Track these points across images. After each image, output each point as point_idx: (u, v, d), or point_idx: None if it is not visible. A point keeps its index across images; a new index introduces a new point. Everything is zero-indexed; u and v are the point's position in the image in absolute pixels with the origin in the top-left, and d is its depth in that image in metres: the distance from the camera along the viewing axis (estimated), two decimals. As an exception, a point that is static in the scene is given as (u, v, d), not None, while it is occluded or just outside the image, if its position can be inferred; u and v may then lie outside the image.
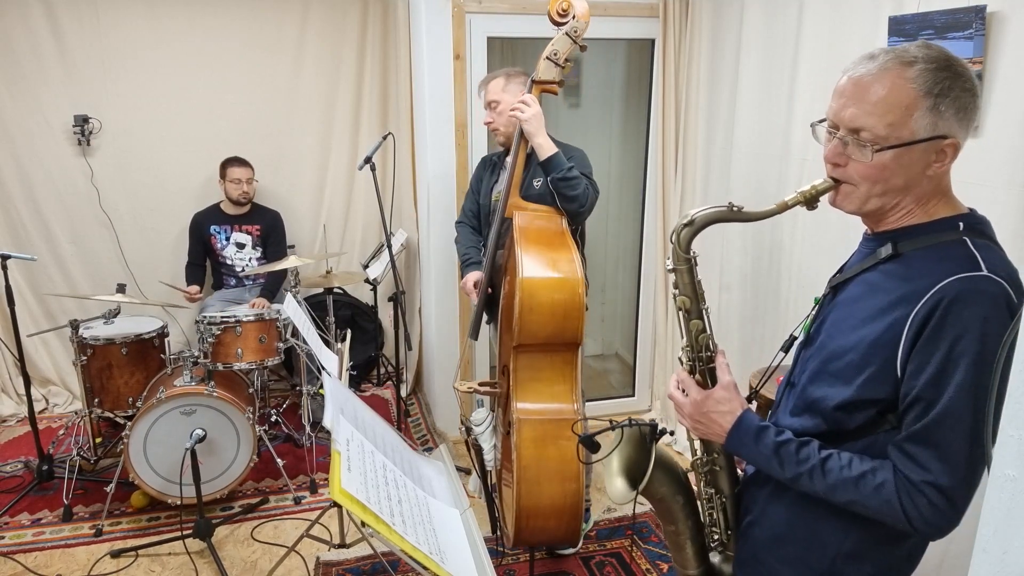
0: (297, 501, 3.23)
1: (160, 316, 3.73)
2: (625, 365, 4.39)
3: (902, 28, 2.22)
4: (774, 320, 3.05)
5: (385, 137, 3.55)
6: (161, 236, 4.21)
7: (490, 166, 2.87)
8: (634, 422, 1.39)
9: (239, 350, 3.27)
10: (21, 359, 3.19)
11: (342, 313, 4.33)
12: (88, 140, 3.97)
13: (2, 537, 2.95)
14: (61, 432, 3.65)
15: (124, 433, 2.92)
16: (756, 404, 1.43)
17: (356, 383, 4.43)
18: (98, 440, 3.46)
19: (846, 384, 1.16)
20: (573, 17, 2.33)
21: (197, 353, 3.21)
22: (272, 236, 4.07)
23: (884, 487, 1.10)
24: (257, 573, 2.76)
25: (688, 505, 1.43)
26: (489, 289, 2.66)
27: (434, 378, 3.93)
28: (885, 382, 1.11)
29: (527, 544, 2.48)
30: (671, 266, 1.30)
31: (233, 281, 4.06)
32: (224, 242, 4.01)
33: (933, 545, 1.27)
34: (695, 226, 1.26)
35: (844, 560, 1.22)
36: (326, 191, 4.43)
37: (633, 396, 4.13)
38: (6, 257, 3.00)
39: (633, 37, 3.64)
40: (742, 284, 3.26)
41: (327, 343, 3.25)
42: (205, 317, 3.26)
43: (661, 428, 1.38)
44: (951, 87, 1.08)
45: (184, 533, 2.85)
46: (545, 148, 2.44)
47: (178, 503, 2.93)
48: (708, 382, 1.32)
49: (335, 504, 2.79)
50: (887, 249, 1.17)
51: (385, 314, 4.42)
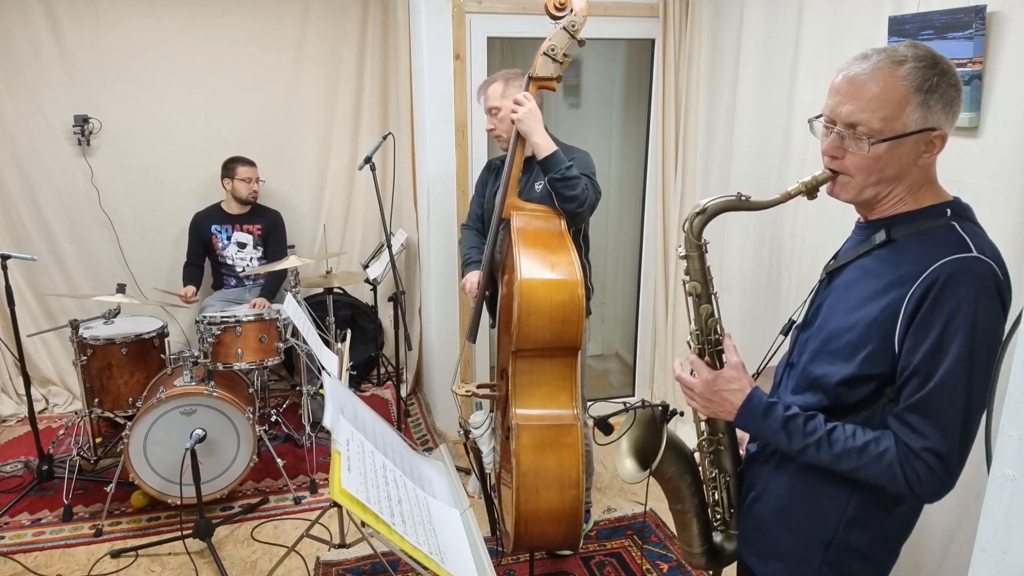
0: (297, 501, 3.23)
1: (160, 316, 3.73)
2: (625, 365, 4.39)
3: (902, 28, 2.22)
4: (774, 320, 3.04)
5: (385, 137, 3.55)
6: (161, 236, 4.21)
7: (494, 170, 2.86)
8: (647, 404, 1.49)
9: (239, 350, 3.27)
10: (21, 359, 3.19)
11: (342, 313, 4.33)
12: (88, 140, 3.97)
13: (2, 537, 2.96)
14: (61, 432, 3.65)
15: (124, 433, 2.92)
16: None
17: (356, 383, 4.44)
18: (98, 440, 3.46)
19: (846, 362, 1.24)
20: (571, 11, 2.31)
21: (197, 353, 3.21)
22: (273, 236, 4.07)
23: (886, 455, 1.18)
24: (257, 573, 2.76)
25: (695, 484, 1.51)
26: (487, 292, 2.65)
27: (434, 378, 3.93)
28: (883, 358, 1.20)
29: (527, 549, 2.47)
30: (683, 253, 1.38)
31: (233, 281, 4.06)
32: (225, 242, 4.01)
33: (933, 545, 1.29)
34: (707, 214, 1.34)
35: (845, 528, 1.30)
36: (326, 191, 4.43)
37: (633, 396, 4.13)
38: (6, 257, 3.00)
39: (633, 37, 3.64)
40: (742, 284, 3.26)
41: (327, 343, 3.25)
42: (205, 317, 3.26)
43: (672, 409, 1.48)
44: (939, 83, 1.17)
45: (184, 533, 2.85)
46: (543, 147, 2.41)
47: (178, 503, 2.93)
48: (717, 364, 1.39)
49: (335, 504, 2.79)
50: (881, 236, 1.25)
51: (385, 314, 4.42)
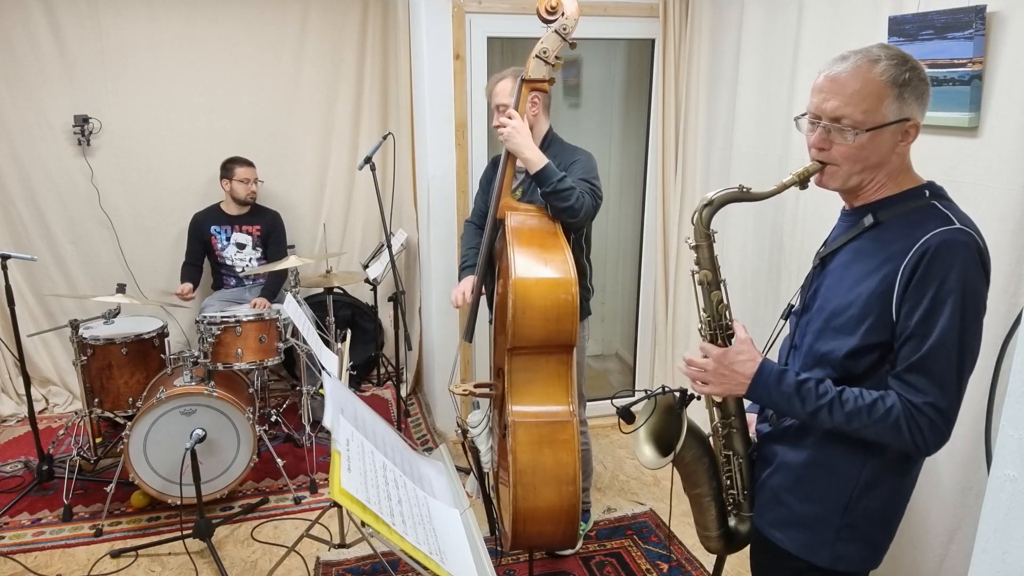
0: (297, 501, 3.23)
1: (160, 316, 3.73)
2: (625, 365, 4.39)
3: (902, 28, 2.22)
4: (774, 319, 3.02)
5: (385, 137, 3.55)
6: (161, 236, 4.21)
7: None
8: (667, 389, 1.57)
9: (239, 350, 3.27)
10: (21, 359, 3.19)
11: (342, 313, 4.33)
12: (88, 140, 3.97)
13: (2, 537, 2.95)
14: (61, 432, 3.65)
15: (124, 433, 2.92)
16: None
17: (356, 383, 4.44)
18: (98, 440, 3.46)
19: (850, 335, 1.35)
20: (562, 15, 2.32)
21: (197, 353, 3.21)
22: (272, 236, 4.07)
23: (892, 410, 1.29)
24: (257, 573, 2.76)
25: (712, 467, 1.57)
26: (483, 289, 2.64)
27: (434, 378, 3.93)
28: (883, 327, 1.31)
29: (525, 548, 2.47)
30: (693, 243, 1.48)
31: (233, 281, 4.06)
32: (224, 242, 4.01)
33: (934, 545, 1.30)
34: (714, 205, 1.44)
35: (861, 489, 1.39)
36: (326, 191, 4.43)
37: (633, 396, 4.12)
38: (6, 257, 3.00)
39: (633, 37, 3.64)
40: (742, 284, 3.26)
41: (327, 343, 3.25)
42: (205, 317, 3.26)
43: (690, 394, 1.53)
44: (911, 78, 1.30)
45: (184, 533, 2.85)
46: (534, 162, 2.37)
47: (178, 503, 2.93)
48: (728, 346, 1.47)
49: (335, 504, 2.79)
50: (869, 219, 1.38)
51: (385, 314, 4.42)
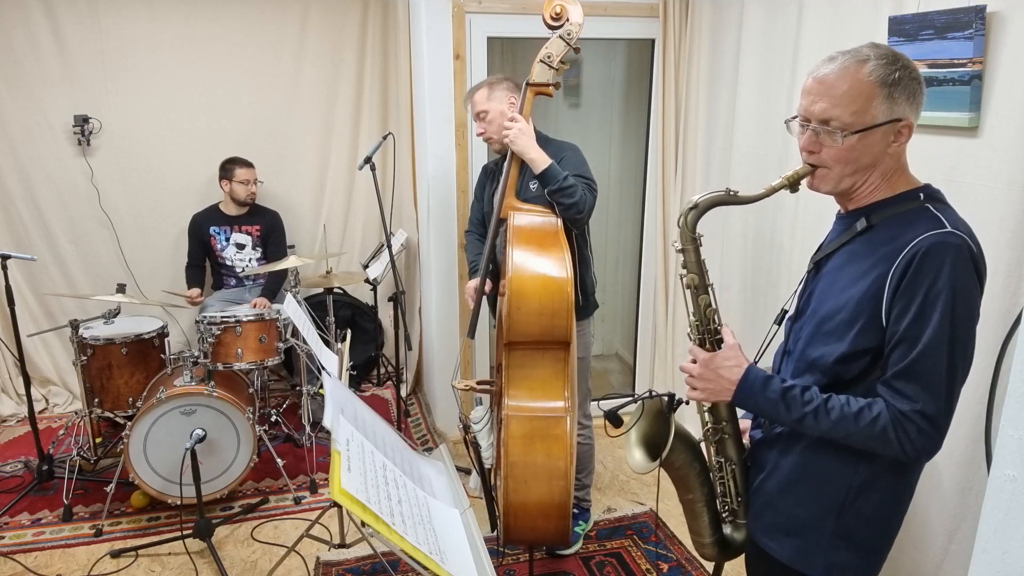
0: (297, 501, 3.23)
1: (160, 316, 3.73)
2: (625, 365, 4.39)
3: (902, 28, 2.22)
4: (773, 318, 3.04)
5: (385, 137, 3.55)
6: (161, 236, 4.21)
7: (490, 174, 2.87)
8: (654, 394, 1.54)
9: (239, 350, 3.27)
10: (21, 359, 3.19)
11: (342, 313, 4.33)
12: (88, 140, 3.97)
13: (2, 537, 2.95)
14: (61, 432, 3.65)
15: (124, 433, 2.92)
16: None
17: (356, 383, 4.44)
18: (98, 440, 3.46)
19: (840, 340, 1.32)
20: (567, 20, 2.34)
21: (197, 353, 3.21)
22: (272, 236, 4.07)
23: (879, 418, 1.26)
24: (257, 573, 2.76)
25: (703, 473, 1.55)
26: (486, 292, 2.66)
27: (434, 378, 3.93)
28: (873, 332, 1.29)
29: (517, 543, 2.48)
30: (680, 246, 1.46)
31: (233, 281, 4.06)
32: (224, 243, 4.01)
33: (934, 545, 1.29)
34: (699, 208, 1.42)
35: (856, 492, 1.36)
36: (326, 191, 4.43)
37: (633, 395, 4.13)
38: (6, 257, 3.00)
39: (633, 37, 3.64)
40: (742, 284, 3.26)
41: (327, 343, 3.25)
42: (205, 317, 3.26)
43: (679, 399, 1.52)
44: (901, 77, 1.27)
45: (184, 533, 2.85)
46: (538, 162, 2.44)
47: (178, 503, 2.92)
48: (716, 351, 1.45)
49: (335, 504, 2.79)
50: (862, 223, 1.35)
51: (385, 314, 4.42)
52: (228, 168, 3.93)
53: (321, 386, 3.48)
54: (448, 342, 3.82)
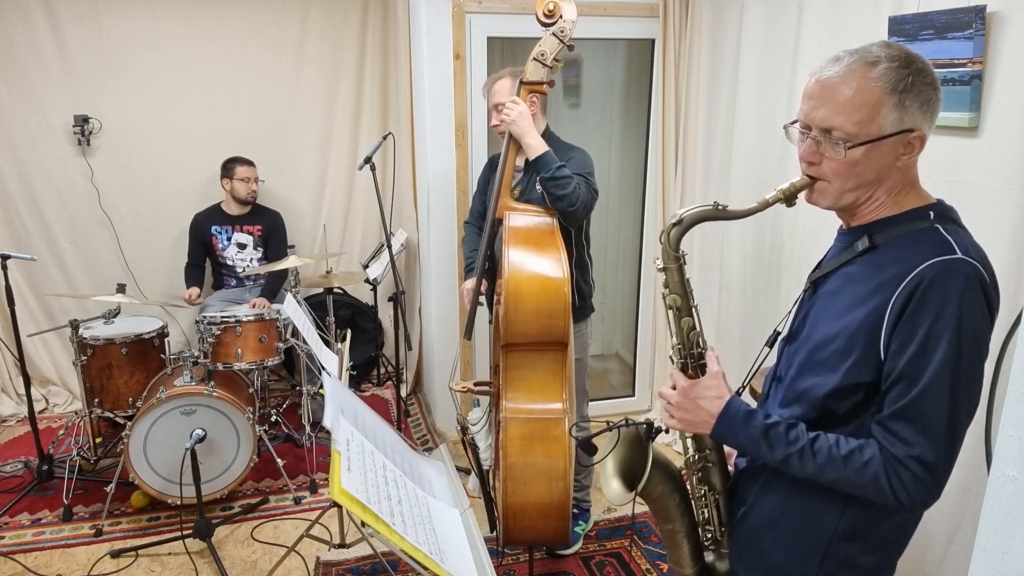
0: (297, 501, 3.23)
1: (160, 316, 3.73)
2: (625, 365, 4.39)
3: (902, 28, 2.22)
4: (774, 320, 3.01)
5: (385, 137, 3.55)
6: (161, 236, 4.21)
7: (496, 167, 2.86)
8: (630, 422, 1.40)
9: (239, 350, 3.27)
10: (21, 359, 3.19)
11: (342, 313, 4.33)
12: (88, 140, 3.97)
13: (2, 537, 2.96)
14: (61, 432, 3.65)
15: (124, 433, 2.92)
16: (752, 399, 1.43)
17: (356, 383, 4.43)
18: (98, 440, 3.46)
19: (832, 371, 1.20)
20: (560, 18, 2.33)
21: (197, 353, 3.21)
22: (273, 236, 4.07)
23: (871, 464, 1.14)
24: (257, 573, 2.76)
25: (684, 503, 1.44)
26: (482, 295, 2.65)
27: (434, 378, 3.93)
28: (869, 366, 1.16)
29: (517, 543, 2.47)
30: (661, 265, 1.33)
31: (234, 281, 4.06)
32: (225, 242, 4.01)
33: (934, 544, 1.28)
34: (683, 225, 1.30)
35: (840, 539, 1.25)
36: (326, 191, 4.43)
37: (633, 396, 4.13)
38: (6, 257, 3.00)
39: (633, 37, 3.64)
40: (742, 284, 3.26)
41: (327, 343, 3.25)
42: (205, 317, 3.27)
43: (657, 427, 1.40)
44: (914, 83, 1.13)
45: (184, 533, 2.85)
46: (534, 147, 2.42)
47: (178, 503, 2.93)
48: (699, 376, 1.34)
49: (335, 504, 2.79)
50: (863, 242, 1.22)
51: (385, 314, 4.42)
52: (229, 167, 3.94)
53: (321, 386, 3.48)
54: (448, 342, 3.82)
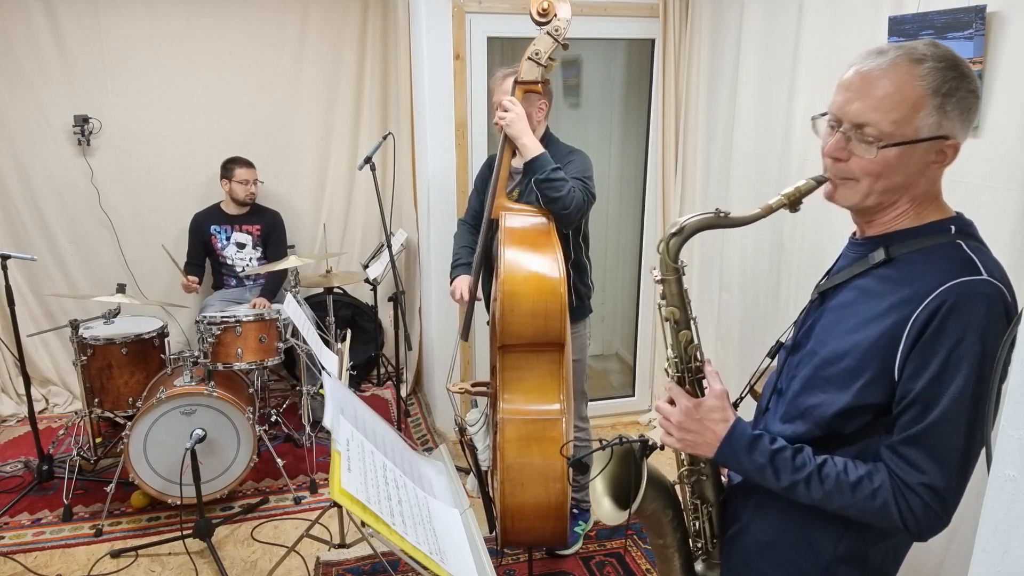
0: (297, 501, 3.23)
1: (160, 316, 3.73)
2: (625, 365, 4.39)
3: (902, 28, 2.22)
4: (774, 320, 3.05)
5: (385, 137, 3.55)
6: (161, 236, 4.20)
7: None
8: (624, 439, 1.36)
9: (239, 350, 3.27)
10: (21, 359, 3.19)
11: (342, 313, 4.33)
12: (88, 140, 3.97)
13: (2, 537, 2.95)
14: (61, 432, 3.65)
15: (124, 433, 2.92)
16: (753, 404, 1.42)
17: (356, 383, 4.43)
18: (98, 440, 3.46)
19: (842, 390, 1.14)
20: (555, 16, 2.33)
21: (197, 353, 3.21)
22: (272, 236, 4.07)
23: (880, 491, 1.10)
24: (257, 573, 2.76)
25: (676, 518, 1.41)
26: (479, 298, 2.65)
27: (434, 378, 3.93)
28: (882, 387, 1.11)
29: (515, 544, 2.47)
30: (659, 277, 1.29)
31: (233, 281, 4.06)
32: (225, 242, 4.01)
33: (934, 544, 1.28)
34: (684, 234, 1.26)
35: (838, 563, 1.22)
36: (326, 191, 4.43)
37: (633, 396, 4.13)
38: (6, 257, 3.00)
39: (633, 37, 3.64)
40: (742, 284, 3.26)
41: (327, 343, 3.25)
42: (205, 317, 3.26)
43: (652, 444, 1.35)
44: (957, 87, 1.07)
45: (184, 533, 2.85)
46: (530, 148, 2.39)
47: (178, 503, 2.92)
48: (698, 392, 1.30)
49: (335, 504, 2.79)
50: (879, 254, 1.16)
51: (385, 314, 4.42)
52: (228, 168, 3.93)
53: (321, 386, 3.48)
54: (448, 342, 3.82)
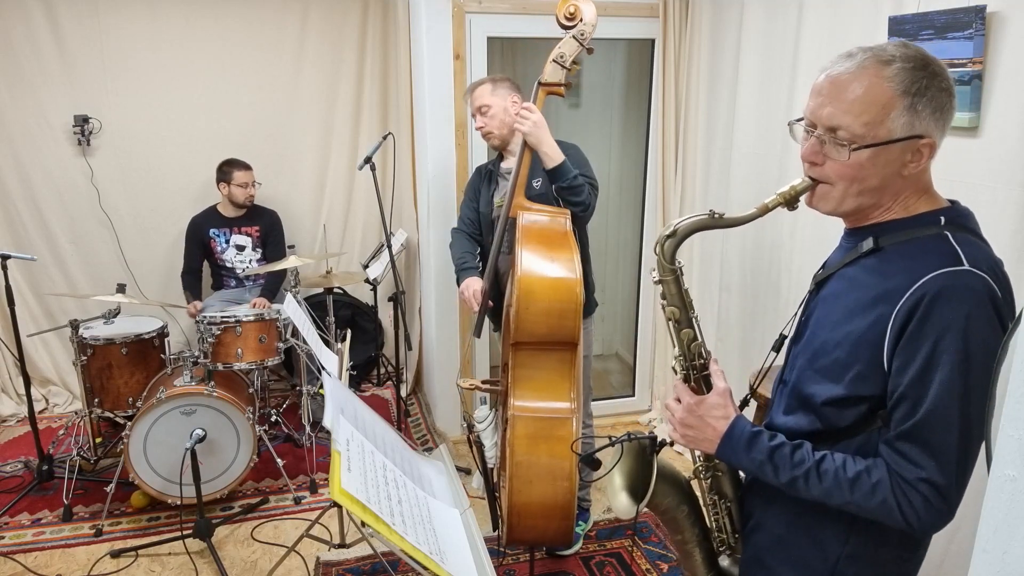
0: (297, 501, 3.23)
1: (160, 316, 3.73)
2: (625, 365, 4.39)
3: (902, 28, 2.22)
4: (774, 320, 3.04)
5: (385, 137, 3.55)
6: (161, 236, 4.21)
7: (486, 175, 2.85)
8: (633, 436, 1.37)
9: (239, 350, 3.27)
10: (21, 359, 3.19)
11: (342, 313, 4.33)
12: (88, 140, 3.97)
13: (2, 537, 2.96)
14: (61, 432, 3.64)
15: (124, 433, 2.92)
16: (756, 404, 1.42)
17: (356, 383, 4.44)
18: (98, 440, 3.46)
19: (835, 381, 1.15)
20: (581, 21, 2.36)
21: (197, 353, 3.21)
22: (271, 236, 4.07)
23: (879, 487, 1.10)
24: (257, 573, 2.76)
25: (693, 513, 1.42)
26: (491, 303, 2.65)
27: (434, 378, 3.93)
28: (873, 379, 1.11)
29: (521, 543, 2.48)
30: (657, 278, 1.30)
31: (233, 282, 4.05)
32: (224, 245, 4.00)
33: (933, 545, 1.27)
34: (678, 236, 1.27)
35: (846, 562, 1.21)
36: (326, 191, 4.43)
37: (633, 396, 4.13)
38: (6, 257, 3.00)
39: (633, 37, 3.64)
40: (742, 284, 3.26)
41: (327, 343, 3.25)
42: (205, 317, 3.26)
43: (661, 440, 1.36)
44: (928, 86, 1.08)
45: (184, 533, 2.85)
46: (553, 157, 2.44)
47: (178, 503, 2.92)
48: (703, 389, 1.31)
49: (335, 504, 2.79)
50: (868, 243, 1.17)
51: (385, 314, 4.42)
52: (225, 171, 3.90)
53: (321, 386, 3.48)
54: (448, 342, 3.82)
